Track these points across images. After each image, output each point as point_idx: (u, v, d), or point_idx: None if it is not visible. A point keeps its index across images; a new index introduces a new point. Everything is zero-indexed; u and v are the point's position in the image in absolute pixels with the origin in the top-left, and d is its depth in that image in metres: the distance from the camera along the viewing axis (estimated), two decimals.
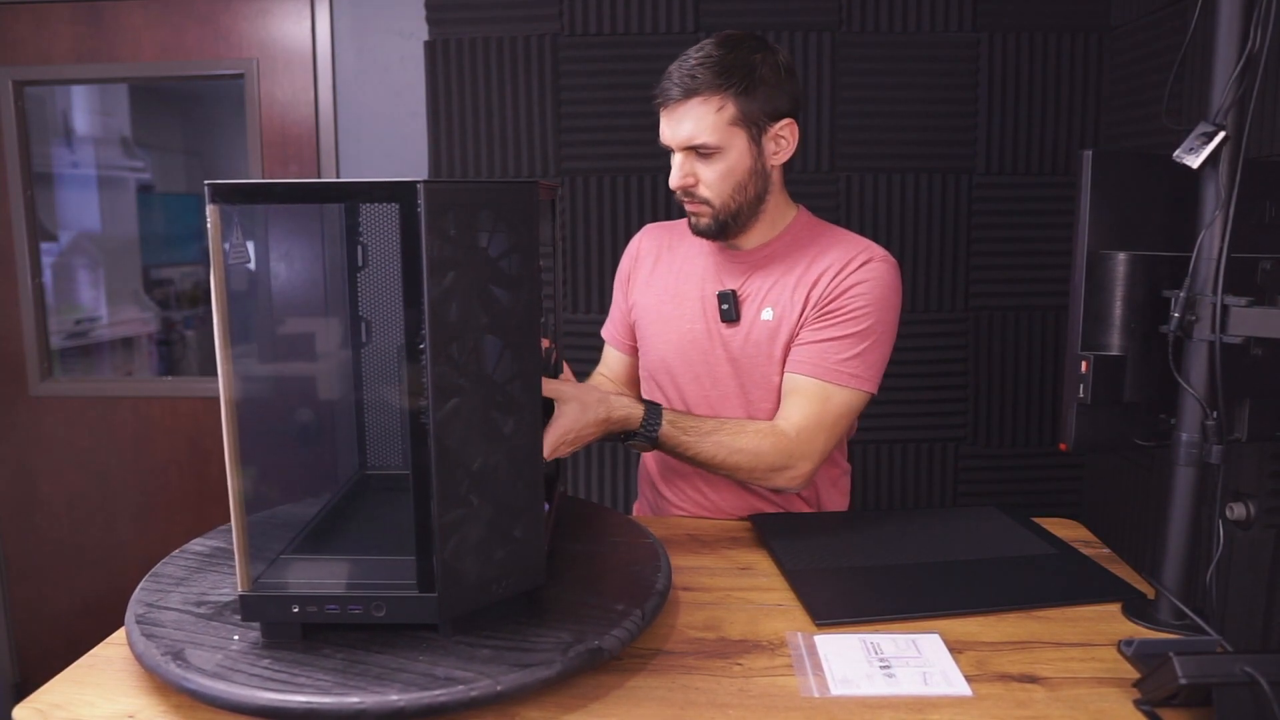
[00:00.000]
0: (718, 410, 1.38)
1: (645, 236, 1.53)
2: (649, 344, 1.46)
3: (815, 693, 0.84)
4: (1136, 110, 1.96)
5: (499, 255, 0.82)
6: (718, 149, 1.26)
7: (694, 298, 1.41)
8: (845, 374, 1.27)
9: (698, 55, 1.26)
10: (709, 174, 1.28)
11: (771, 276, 1.36)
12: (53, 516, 2.49)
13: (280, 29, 2.30)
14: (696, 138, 1.26)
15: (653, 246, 1.50)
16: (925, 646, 0.92)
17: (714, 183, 1.29)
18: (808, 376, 1.29)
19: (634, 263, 1.51)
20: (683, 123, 1.26)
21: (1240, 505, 0.99)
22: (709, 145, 1.26)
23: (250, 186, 0.79)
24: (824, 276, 1.31)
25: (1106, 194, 0.97)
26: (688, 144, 1.27)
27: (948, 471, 2.22)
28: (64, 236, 2.68)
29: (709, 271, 1.41)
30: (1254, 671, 0.72)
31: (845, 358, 1.28)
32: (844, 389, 1.28)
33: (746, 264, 1.39)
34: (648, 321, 1.46)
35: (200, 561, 1.05)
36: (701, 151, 1.27)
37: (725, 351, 1.38)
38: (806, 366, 1.29)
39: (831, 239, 1.36)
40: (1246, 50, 0.90)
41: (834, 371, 1.28)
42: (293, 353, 1.05)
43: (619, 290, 1.54)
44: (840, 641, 0.93)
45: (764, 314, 1.35)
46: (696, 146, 1.27)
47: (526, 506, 0.87)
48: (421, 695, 0.75)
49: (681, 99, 1.25)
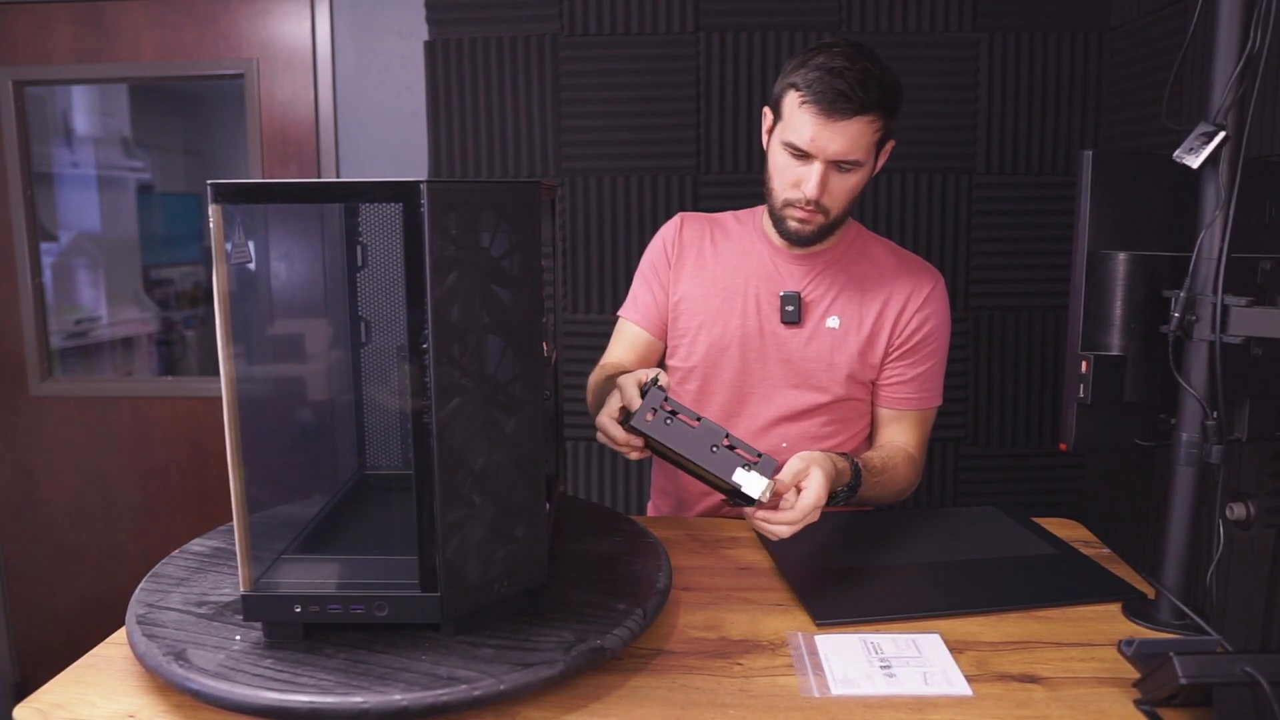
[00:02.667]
0: (749, 406, 1.40)
1: (687, 225, 1.49)
2: (692, 335, 1.43)
3: (816, 693, 0.84)
4: (1136, 110, 1.97)
5: (501, 255, 0.82)
6: (859, 165, 1.27)
7: (747, 294, 1.40)
8: (934, 395, 1.44)
9: (860, 67, 1.22)
10: (840, 186, 1.28)
11: (835, 284, 1.40)
12: (53, 516, 2.49)
13: (280, 29, 2.30)
14: (852, 154, 1.24)
15: (695, 236, 1.47)
16: (926, 646, 0.92)
17: (841, 195, 1.29)
18: (914, 410, 1.42)
19: (677, 250, 1.47)
20: (843, 136, 1.23)
21: (1240, 505, 0.99)
22: (859, 161, 1.26)
23: (253, 186, 0.79)
24: (905, 311, 1.39)
25: (1106, 194, 0.97)
26: (841, 158, 1.24)
27: (948, 471, 2.22)
28: (64, 236, 2.68)
29: (765, 270, 1.41)
30: (1254, 671, 0.73)
31: (934, 384, 1.43)
32: (934, 407, 1.45)
33: (807, 267, 1.40)
34: (693, 313, 1.43)
35: (200, 561, 1.05)
36: (843, 166, 1.26)
37: (780, 352, 1.39)
38: (912, 402, 1.42)
39: (889, 254, 1.44)
40: (1246, 50, 0.90)
41: (929, 398, 1.43)
42: (294, 353, 1.05)
43: (653, 276, 1.48)
44: (841, 641, 0.94)
45: (829, 321, 1.38)
46: (843, 161, 1.25)
47: (528, 506, 0.87)
48: (425, 695, 0.75)
49: (850, 114, 1.21)
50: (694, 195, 2.15)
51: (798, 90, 1.24)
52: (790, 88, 1.26)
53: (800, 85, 1.24)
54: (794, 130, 1.25)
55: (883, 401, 1.43)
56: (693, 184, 2.15)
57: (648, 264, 1.50)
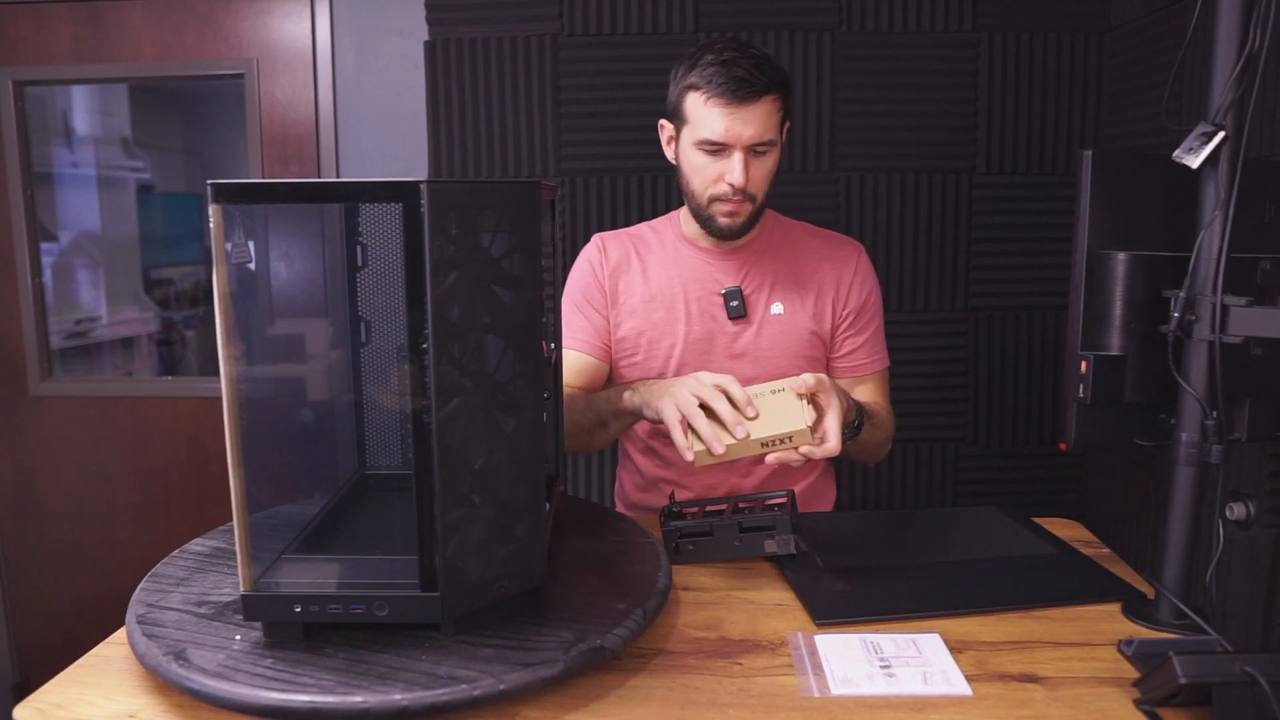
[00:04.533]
0: None
1: (610, 245, 1.48)
2: (645, 353, 1.44)
3: (816, 692, 0.84)
4: (1136, 110, 1.97)
5: (501, 255, 0.82)
6: (772, 146, 1.31)
7: (688, 300, 1.42)
8: (884, 356, 1.51)
9: (749, 55, 1.27)
10: (759, 170, 1.32)
11: (770, 271, 1.43)
12: (53, 516, 2.49)
13: (280, 29, 2.30)
14: (765, 135, 1.28)
15: (620, 255, 1.47)
16: (925, 646, 0.92)
17: (761, 180, 1.33)
18: (872, 373, 1.48)
19: (606, 271, 1.46)
20: (754, 120, 1.27)
21: (1240, 505, 0.99)
22: (772, 142, 1.30)
23: (254, 186, 0.79)
24: (841, 287, 1.45)
25: (1106, 194, 0.97)
26: (756, 141, 1.28)
27: (948, 471, 2.22)
28: (64, 236, 2.68)
29: (699, 272, 1.43)
30: (1254, 671, 0.73)
31: (881, 345, 1.50)
32: (887, 368, 1.51)
33: (739, 260, 1.43)
34: (639, 331, 1.44)
35: (200, 561, 1.05)
36: (757, 149, 1.29)
37: (732, 348, 1.41)
38: (869, 366, 1.48)
39: (810, 235, 1.49)
40: (1246, 50, 0.90)
41: (880, 359, 1.49)
42: (294, 352, 1.05)
43: (585, 302, 1.47)
44: (840, 641, 0.94)
45: (774, 308, 1.42)
46: (757, 144, 1.28)
47: (528, 506, 0.87)
48: (425, 694, 0.75)
49: (756, 97, 1.26)
50: None
51: (698, 90, 1.28)
52: (689, 89, 1.29)
53: (700, 84, 1.27)
54: (705, 127, 1.28)
55: (842, 373, 1.47)
56: None
57: (577, 291, 1.48)
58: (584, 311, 1.47)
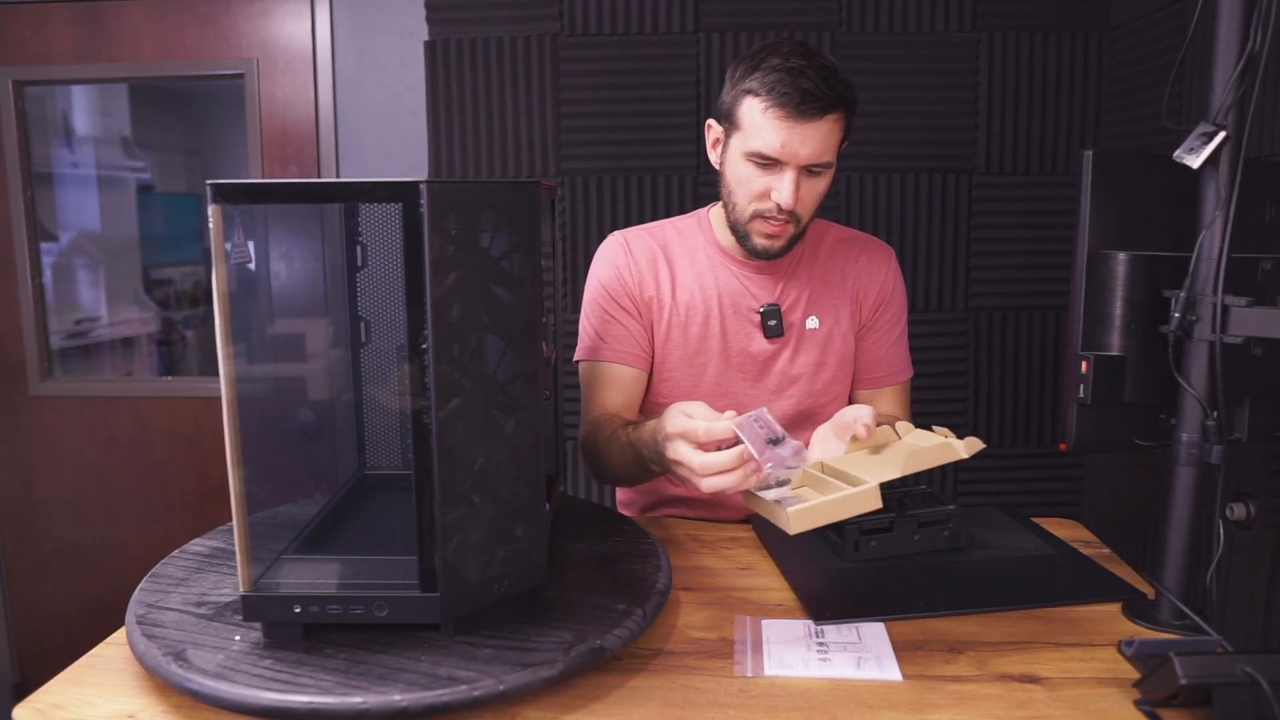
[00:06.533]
0: None
1: (634, 244, 1.37)
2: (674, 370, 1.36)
3: (750, 673, 0.87)
4: (1136, 110, 1.97)
5: (501, 255, 0.82)
6: (828, 168, 1.22)
7: (724, 316, 1.35)
8: (908, 366, 1.44)
9: (817, 65, 1.16)
10: (811, 192, 1.23)
11: (806, 284, 1.37)
12: (53, 516, 2.49)
13: (280, 29, 2.30)
14: (823, 156, 1.19)
15: (648, 257, 1.36)
16: (867, 634, 0.95)
17: (811, 201, 1.24)
18: (895, 385, 1.42)
19: (636, 274, 1.35)
20: (814, 138, 1.17)
21: (1240, 505, 0.99)
22: (829, 164, 1.21)
23: (253, 186, 0.79)
24: (871, 289, 1.39)
25: (1106, 194, 0.97)
26: (813, 162, 1.19)
27: (948, 471, 2.22)
28: (64, 236, 2.68)
29: (733, 288, 1.35)
30: (1254, 671, 0.72)
31: (906, 355, 1.43)
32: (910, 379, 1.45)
33: (775, 276, 1.36)
34: (672, 345, 1.35)
35: (200, 562, 1.05)
36: (812, 169, 1.20)
37: (767, 366, 1.36)
38: (892, 378, 1.42)
39: (840, 239, 1.42)
40: (1246, 50, 0.90)
41: (904, 369, 1.43)
42: (294, 352, 1.05)
43: (620, 309, 1.35)
44: (785, 627, 0.96)
45: (809, 323, 1.35)
46: (814, 165, 1.19)
47: (528, 506, 0.87)
48: (424, 695, 0.75)
49: (820, 114, 1.16)
50: (693, 195, 2.15)
51: (757, 96, 1.17)
52: (746, 94, 1.18)
53: (759, 90, 1.17)
54: (759, 138, 1.18)
55: (865, 384, 1.42)
56: (692, 184, 2.15)
57: (604, 296, 1.35)
58: (619, 319, 1.34)
